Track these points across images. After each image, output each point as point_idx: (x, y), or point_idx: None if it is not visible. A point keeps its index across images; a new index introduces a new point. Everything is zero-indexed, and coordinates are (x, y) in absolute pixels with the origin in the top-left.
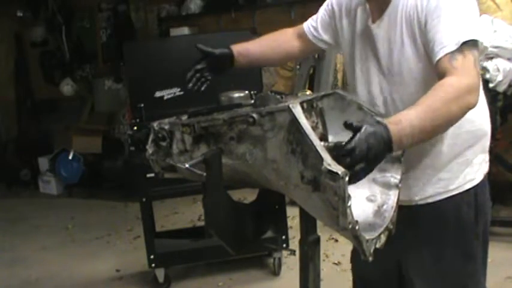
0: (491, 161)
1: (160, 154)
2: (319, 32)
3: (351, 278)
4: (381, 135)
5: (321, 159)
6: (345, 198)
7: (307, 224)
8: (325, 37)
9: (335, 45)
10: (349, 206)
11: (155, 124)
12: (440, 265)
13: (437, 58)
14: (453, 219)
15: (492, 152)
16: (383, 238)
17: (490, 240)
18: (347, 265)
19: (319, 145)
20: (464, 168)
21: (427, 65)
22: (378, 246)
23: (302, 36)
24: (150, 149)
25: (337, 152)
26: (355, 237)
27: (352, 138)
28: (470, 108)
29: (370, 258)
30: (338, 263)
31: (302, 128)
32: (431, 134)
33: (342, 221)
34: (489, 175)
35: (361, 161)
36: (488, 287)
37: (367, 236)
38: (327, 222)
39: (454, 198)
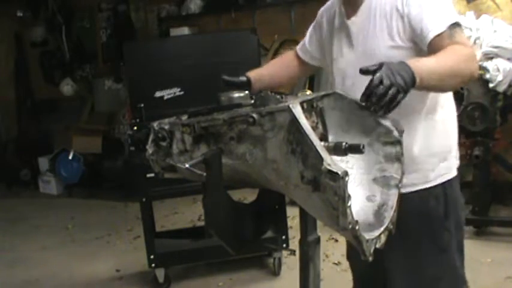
0: (491, 161)
1: (160, 154)
2: (306, 46)
3: (351, 278)
4: (402, 64)
5: (321, 159)
6: (345, 198)
7: (307, 224)
8: (310, 48)
9: (320, 58)
10: (349, 206)
11: (155, 124)
12: (414, 258)
13: (435, 34)
14: (420, 212)
15: (492, 151)
16: (383, 238)
17: (490, 240)
18: (347, 265)
19: (319, 145)
20: (437, 162)
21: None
22: (378, 246)
23: (298, 55)
24: (150, 149)
25: (367, 89)
26: (355, 237)
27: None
28: (472, 77)
29: (370, 258)
30: (338, 263)
31: (302, 128)
32: (444, 81)
33: (342, 221)
34: (489, 175)
35: (391, 86)
36: (488, 287)
37: (367, 236)
38: (327, 222)
39: (424, 191)
